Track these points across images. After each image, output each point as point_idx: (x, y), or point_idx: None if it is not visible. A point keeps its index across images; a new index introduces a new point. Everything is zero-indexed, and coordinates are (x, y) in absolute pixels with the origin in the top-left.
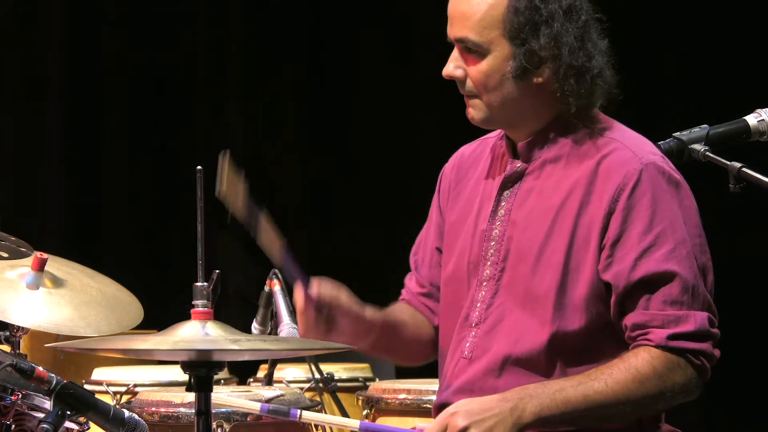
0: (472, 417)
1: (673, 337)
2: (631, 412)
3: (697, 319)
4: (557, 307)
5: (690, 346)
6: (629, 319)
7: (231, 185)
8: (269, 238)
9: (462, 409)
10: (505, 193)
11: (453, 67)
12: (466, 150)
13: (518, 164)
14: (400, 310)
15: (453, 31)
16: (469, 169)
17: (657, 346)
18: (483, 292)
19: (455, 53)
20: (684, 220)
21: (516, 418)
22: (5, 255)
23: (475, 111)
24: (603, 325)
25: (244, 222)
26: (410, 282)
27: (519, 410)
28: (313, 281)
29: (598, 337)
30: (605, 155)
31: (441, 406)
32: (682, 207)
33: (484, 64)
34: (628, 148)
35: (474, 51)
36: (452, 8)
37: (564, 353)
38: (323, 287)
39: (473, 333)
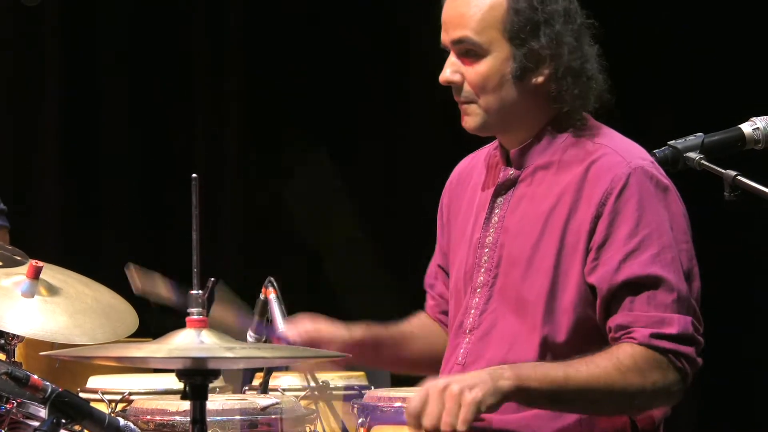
0: (452, 378)
1: (656, 336)
2: (609, 402)
3: (681, 323)
4: (547, 312)
5: (673, 347)
6: (613, 321)
7: (147, 283)
8: (221, 311)
9: (441, 378)
10: (499, 200)
11: (450, 72)
12: (461, 165)
13: (511, 171)
14: (413, 323)
15: (450, 33)
16: (464, 185)
17: (640, 344)
18: (477, 299)
19: (452, 58)
20: (671, 225)
21: (495, 380)
22: (0, 263)
23: (471, 117)
24: (591, 329)
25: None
26: (428, 297)
27: (497, 375)
28: (287, 326)
29: (587, 342)
30: (594, 160)
31: None
32: (669, 212)
33: (483, 66)
34: (616, 152)
35: (472, 53)
36: (449, 11)
37: (554, 358)
38: (300, 327)
39: (467, 339)
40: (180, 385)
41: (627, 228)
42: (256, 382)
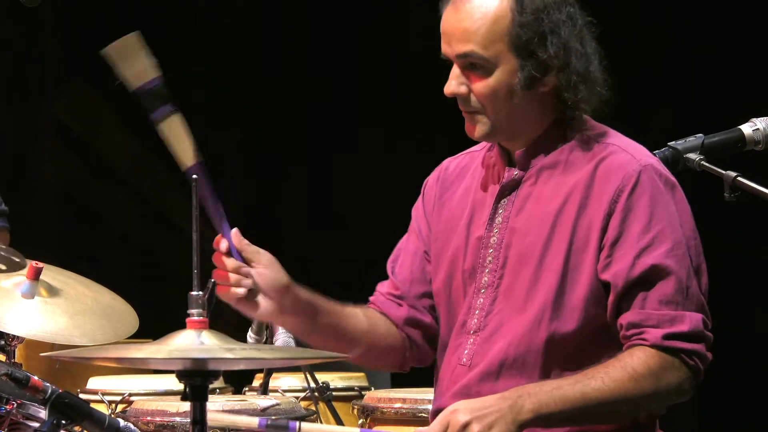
0: (474, 413)
1: (668, 336)
2: (627, 410)
3: (692, 320)
4: (555, 309)
5: (684, 347)
6: (624, 318)
7: (132, 55)
8: (178, 142)
9: (462, 407)
10: (503, 201)
11: (456, 84)
12: (450, 163)
13: (515, 172)
14: (356, 308)
15: (454, 47)
16: (453, 181)
17: (652, 346)
18: (481, 300)
19: (456, 70)
20: (680, 222)
21: (515, 415)
22: (3, 268)
23: (478, 126)
24: (599, 327)
25: (139, 95)
26: (382, 286)
27: (518, 407)
28: (234, 230)
29: (593, 341)
30: (603, 158)
31: (437, 412)
32: (678, 209)
33: (492, 80)
34: (625, 151)
35: (479, 66)
36: (450, 25)
37: (560, 356)
38: (250, 247)
39: (472, 340)
40: (180, 386)
41: (640, 224)
42: (256, 383)
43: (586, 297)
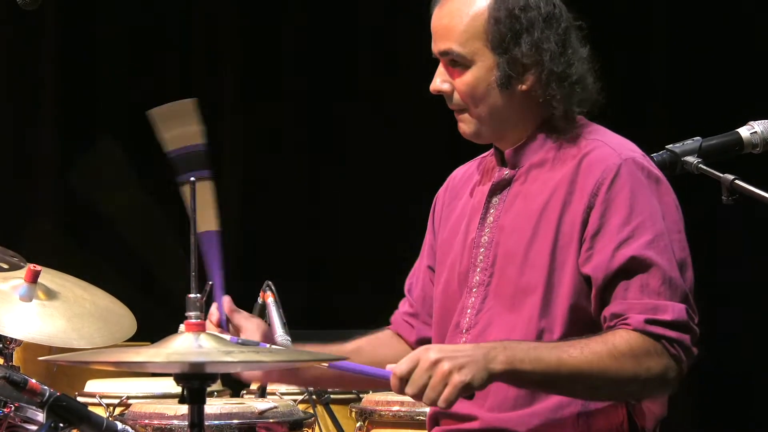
0: (445, 352)
1: (650, 321)
2: (602, 387)
3: (675, 310)
4: (543, 305)
5: (667, 334)
6: (608, 310)
7: (182, 119)
8: (204, 206)
9: (435, 348)
10: (494, 200)
11: (440, 81)
12: (458, 171)
13: (506, 171)
14: (363, 339)
15: (437, 45)
16: (461, 188)
17: (635, 329)
18: (473, 299)
19: (441, 68)
20: (663, 215)
21: (487, 362)
22: (5, 267)
23: (465, 125)
24: (588, 324)
25: (176, 156)
26: (403, 304)
27: (491, 356)
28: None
29: (582, 335)
30: (586, 154)
31: (434, 416)
32: (661, 202)
33: (469, 76)
34: (607, 145)
35: (459, 63)
36: (435, 23)
37: None
38: (240, 314)
39: (464, 339)
40: (178, 389)
41: (620, 217)
42: (254, 386)
43: (573, 293)
